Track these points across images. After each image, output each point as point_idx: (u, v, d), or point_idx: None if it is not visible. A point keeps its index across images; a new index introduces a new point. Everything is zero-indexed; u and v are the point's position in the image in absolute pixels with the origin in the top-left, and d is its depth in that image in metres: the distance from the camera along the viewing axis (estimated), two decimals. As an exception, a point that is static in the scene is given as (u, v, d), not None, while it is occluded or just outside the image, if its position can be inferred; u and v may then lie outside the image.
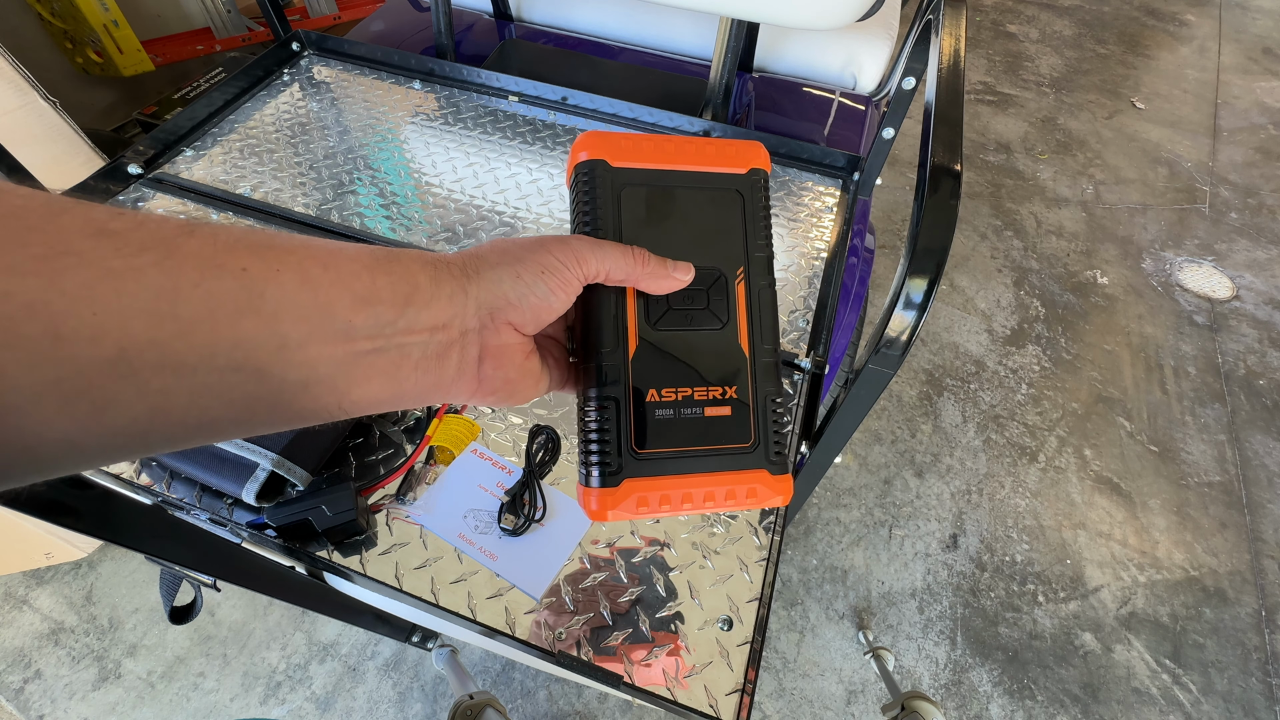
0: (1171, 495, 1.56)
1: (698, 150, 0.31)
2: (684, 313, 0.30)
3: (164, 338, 0.19)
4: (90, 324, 0.18)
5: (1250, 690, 1.29)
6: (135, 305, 0.18)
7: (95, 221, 0.18)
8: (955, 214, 0.43)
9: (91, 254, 0.18)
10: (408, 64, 1.00)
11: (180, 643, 1.24)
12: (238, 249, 0.21)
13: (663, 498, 0.29)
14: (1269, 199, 2.36)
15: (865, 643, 1.30)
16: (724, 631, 0.52)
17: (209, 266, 0.20)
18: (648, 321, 0.30)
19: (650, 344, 0.30)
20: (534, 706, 1.21)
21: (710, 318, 0.31)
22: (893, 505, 1.51)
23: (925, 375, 1.77)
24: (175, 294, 0.19)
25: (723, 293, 0.31)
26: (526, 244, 0.28)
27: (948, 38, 0.54)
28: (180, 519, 0.57)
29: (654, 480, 0.29)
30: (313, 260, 0.23)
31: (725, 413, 0.30)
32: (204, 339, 0.20)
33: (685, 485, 0.29)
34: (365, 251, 0.25)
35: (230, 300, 0.20)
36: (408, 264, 0.25)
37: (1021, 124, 2.62)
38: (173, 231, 0.20)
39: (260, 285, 0.21)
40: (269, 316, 0.21)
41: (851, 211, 0.86)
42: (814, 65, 1.12)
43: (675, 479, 0.29)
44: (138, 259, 0.19)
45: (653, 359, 0.30)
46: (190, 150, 0.86)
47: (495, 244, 0.29)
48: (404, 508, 0.57)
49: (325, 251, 0.23)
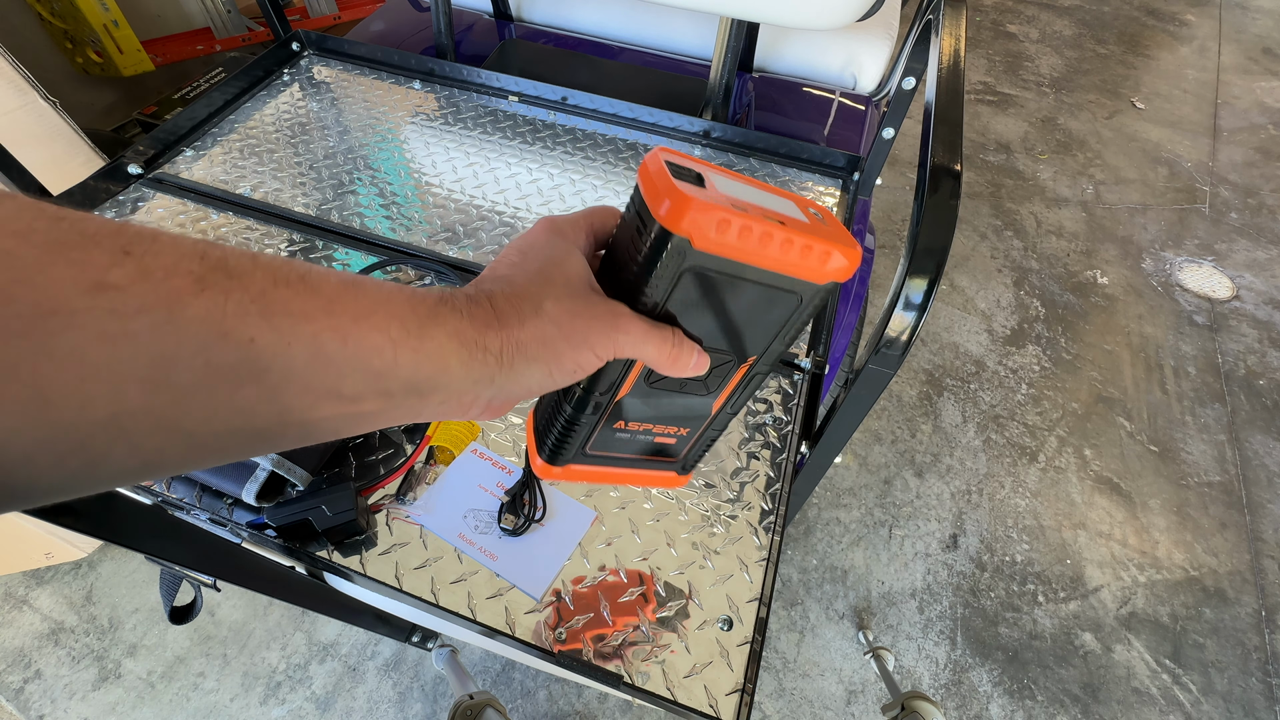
0: (1171, 495, 1.56)
1: (788, 243, 0.28)
2: (681, 382, 0.32)
3: (159, 405, 0.18)
4: (79, 390, 0.16)
5: (1250, 690, 1.29)
6: (129, 372, 0.17)
7: (94, 271, 0.16)
8: (955, 214, 0.43)
9: (85, 314, 0.16)
10: (408, 64, 1.00)
11: (180, 643, 1.24)
12: (249, 315, 0.19)
13: (593, 475, 0.35)
14: (1269, 199, 2.36)
15: (865, 643, 1.30)
16: (724, 631, 0.52)
17: (213, 335, 0.18)
18: (645, 380, 0.31)
19: (638, 395, 0.32)
20: (534, 706, 1.21)
21: (701, 387, 0.33)
22: (893, 505, 1.51)
23: (925, 375, 1.77)
24: (173, 363, 0.18)
25: (724, 375, 0.32)
26: (572, 332, 0.26)
27: (948, 38, 0.54)
28: (180, 519, 0.57)
29: (590, 468, 0.35)
30: (331, 332, 0.21)
31: (670, 441, 0.35)
32: (201, 407, 0.19)
33: (611, 473, 0.36)
34: (396, 319, 0.22)
35: (232, 371, 0.19)
36: (442, 342, 0.23)
37: (1021, 124, 2.62)
38: (180, 286, 0.18)
39: (267, 359, 0.20)
40: (271, 388, 0.20)
41: (851, 211, 0.86)
42: (814, 65, 1.12)
43: (606, 470, 0.35)
44: (135, 322, 0.17)
45: (635, 404, 0.32)
46: (190, 150, 0.86)
47: (541, 327, 0.26)
48: (404, 508, 0.57)
49: (350, 317, 0.21)
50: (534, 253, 0.28)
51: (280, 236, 0.77)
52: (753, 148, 0.93)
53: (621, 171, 0.88)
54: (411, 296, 0.23)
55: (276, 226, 0.78)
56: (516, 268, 0.27)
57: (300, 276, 0.21)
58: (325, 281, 0.21)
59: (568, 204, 0.84)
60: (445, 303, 0.24)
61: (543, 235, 0.28)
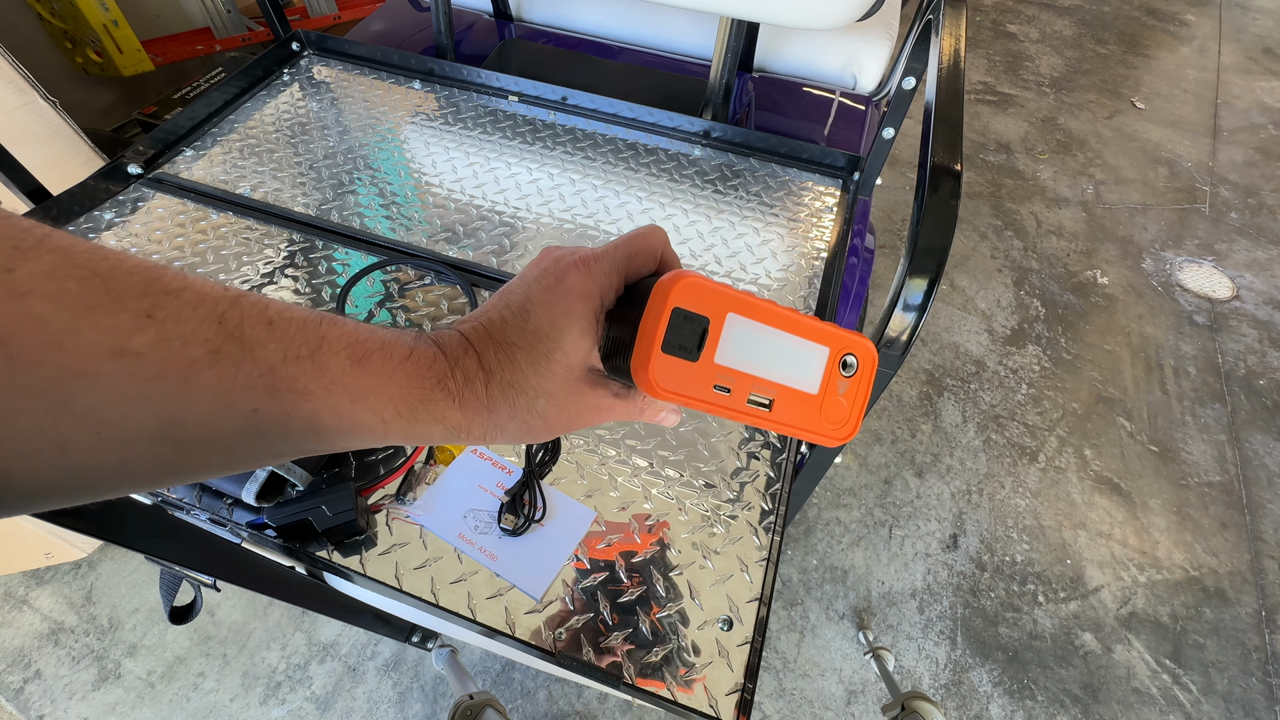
0: (1171, 495, 1.56)
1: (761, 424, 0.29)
2: None
3: (163, 454, 0.20)
4: (94, 441, 0.18)
5: (1250, 690, 1.29)
6: (141, 430, 0.19)
7: (118, 336, 0.18)
8: (955, 214, 0.43)
9: (107, 378, 0.18)
10: (408, 64, 1.00)
11: (180, 643, 1.24)
12: (255, 389, 0.21)
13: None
14: (1269, 199, 2.36)
15: (865, 643, 1.30)
16: (724, 631, 0.52)
17: (220, 404, 0.20)
18: None
19: None
20: (534, 706, 1.21)
21: None
22: (893, 505, 1.51)
23: (925, 375, 1.77)
24: (182, 424, 0.19)
25: None
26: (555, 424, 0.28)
27: (948, 38, 0.54)
28: (180, 519, 0.57)
29: None
30: (329, 410, 0.22)
31: None
32: (201, 458, 0.21)
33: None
34: (392, 402, 0.24)
35: (234, 434, 0.21)
36: (429, 425, 0.25)
37: (1021, 124, 2.62)
38: (195, 356, 0.19)
39: (267, 426, 0.21)
40: (266, 447, 0.22)
41: (851, 211, 0.86)
42: (814, 65, 1.12)
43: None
44: (151, 386, 0.18)
45: None
46: (190, 150, 0.86)
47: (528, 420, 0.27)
48: (404, 508, 0.57)
49: (349, 398, 0.23)
50: (545, 318, 0.27)
51: (280, 236, 0.77)
52: (753, 148, 0.93)
53: (621, 171, 0.88)
54: (412, 377, 0.24)
55: (276, 226, 0.78)
56: (524, 336, 0.27)
57: (311, 352, 0.22)
58: (334, 358, 0.22)
59: (568, 204, 0.84)
60: (443, 385, 0.25)
61: (563, 298, 0.27)
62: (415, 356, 0.25)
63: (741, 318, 0.27)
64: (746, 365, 0.28)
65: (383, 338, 0.24)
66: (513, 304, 0.27)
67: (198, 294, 0.20)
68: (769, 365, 0.28)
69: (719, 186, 0.88)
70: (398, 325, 0.69)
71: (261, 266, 0.73)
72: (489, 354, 0.26)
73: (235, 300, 0.21)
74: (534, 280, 0.28)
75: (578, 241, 0.79)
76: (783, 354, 0.28)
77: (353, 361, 0.23)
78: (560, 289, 0.27)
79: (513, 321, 0.27)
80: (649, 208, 0.84)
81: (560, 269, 0.27)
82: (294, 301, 0.70)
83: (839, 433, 0.30)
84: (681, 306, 0.26)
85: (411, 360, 0.24)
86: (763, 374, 0.28)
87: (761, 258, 0.79)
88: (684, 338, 0.26)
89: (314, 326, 0.22)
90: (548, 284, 0.27)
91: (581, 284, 0.27)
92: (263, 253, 0.75)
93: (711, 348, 0.27)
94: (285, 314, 0.22)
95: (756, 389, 0.28)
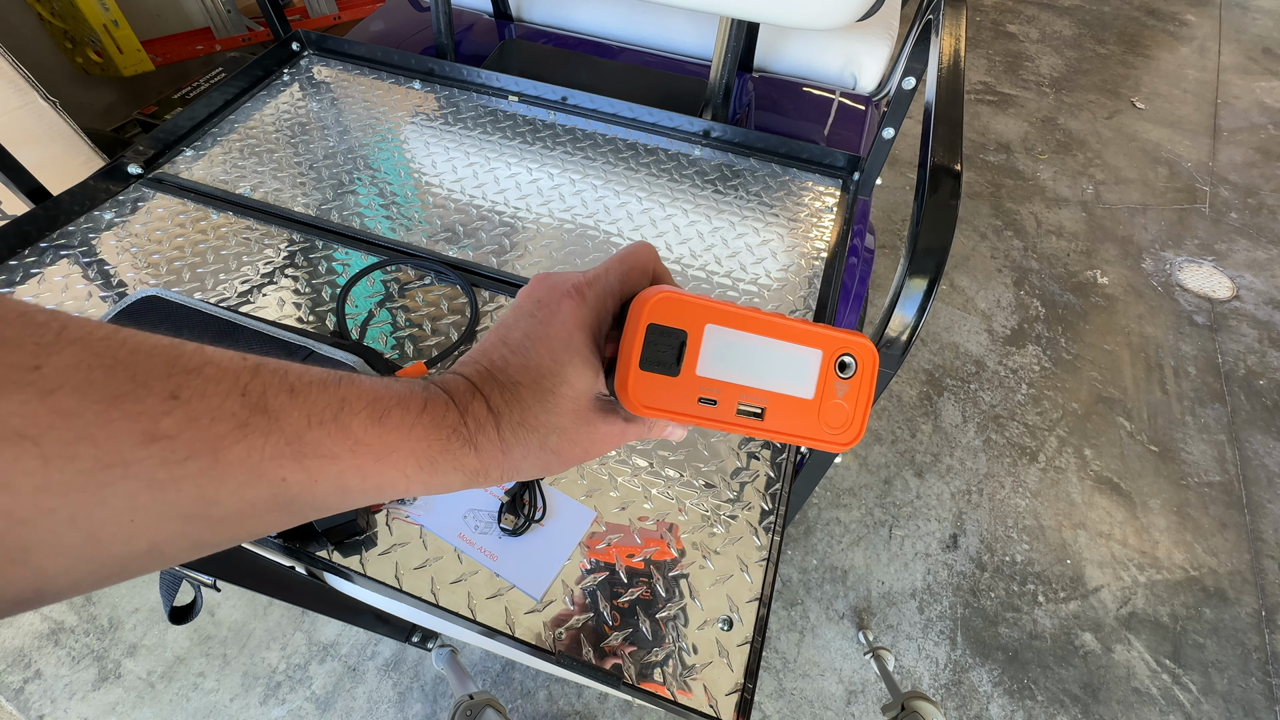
0: (1171, 495, 1.56)
1: (751, 433, 0.29)
2: None
3: (195, 532, 0.20)
4: (128, 529, 0.18)
5: (1250, 690, 1.29)
6: (174, 511, 0.19)
7: (147, 422, 0.18)
8: (955, 214, 0.43)
9: (138, 466, 0.18)
10: (408, 64, 1.00)
11: (180, 643, 1.24)
12: (283, 458, 0.21)
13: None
14: (1269, 199, 2.36)
15: (865, 643, 1.30)
16: (724, 631, 0.52)
17: (250, 476, 0.20)
18: None
19: None
20: (534, 706, 1.21)
21: None
22: (893, 505, 1.51)
23: (925, 375, 1.77)
24: (214, 501, 0.20)
25: None
26: (568, 458, 0.28)
27: (948, 38, 0.54)
28: (180, 519, 0.56)
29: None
30: (354, 470, 0.23)
31: None
32: (230, 532, 0.21)
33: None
34: (413, 457, 0.24)
35: (265, 503, 0.21)
36: (449, 474, 0.26)
37: (1021, 124, 2.62)
38: (223, 432, 0.20)
39: (296, 492, 0.22)
40: (296, 513, 0.23)
41: (851, 211, 0.86)
42: (814, 65, 1.12)
43: None
44: (182, 468, 0.19)
45: None
46: (190, 150, 0.86)
47: (543, 457, 0.27)
48: (404, 508, 0.57)
49: (373, 457, 0.23)
50: (545, 354, 0.27)
51: (280, 236, 0.77)
52: (753, 148, 0.93)
53: (621, 171, 0.88)
54: (429, 430, 0.25)
55: (276, 226, 0.78)
56: (527, 374, 0.27)
57: (334, 415, 0.22)
58: (355, 418, 0.23)
59: (568, 204, 0.84)
60: (458, 433, 0.25)
61: (561, 330, 0.27)
62: (430, 408, 0.25)
63: (721, 328, 0.27)
64: (732, 375, 0.27)
65: (399, 391, 0.25)
66: (511, 342, 0.27)
67: (219, 368, 0.20)
68: (757, 373, 0.28)
69: (719, 186, 0.88)
70: (398, 325, 0.69)
71: (261, 266, 0.73)
72: (495, 396, 0.26)
73: (255, 370, 0.21)
74: (529, 315, 0.28)
75: (578, 242, 0.80)
76: (770, 361, 0.28)
77: (373, 420, 0.23)
78: (556, 322, 0.27)
79: (514, 360, 0.27)
80: (649, 208, 0.84)
81: (554, 300, 0.27)
82: (295, 302, 0.70)
83: (842, 437, 0.29)
84: (656, 322, 0.26)
85: (427, 412, 0.25)
86: (750, 383, 0.28)
87: (761, 258, 0.79)
88: (661, 353, 0.26)
89: (334, 388, 0.23)
90: (543, 318, 0.27)
91: (576, 314, 0.27)
92: (263, 253, 0.75)
93: (692, 361, 0.27)
94: (305, 378, 0.22)
95: (745, 398, 0.28)
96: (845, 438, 0.29)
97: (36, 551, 0.17)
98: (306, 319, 0.69)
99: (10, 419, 0.16)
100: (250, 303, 0.70)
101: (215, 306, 0.58)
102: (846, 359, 0.28)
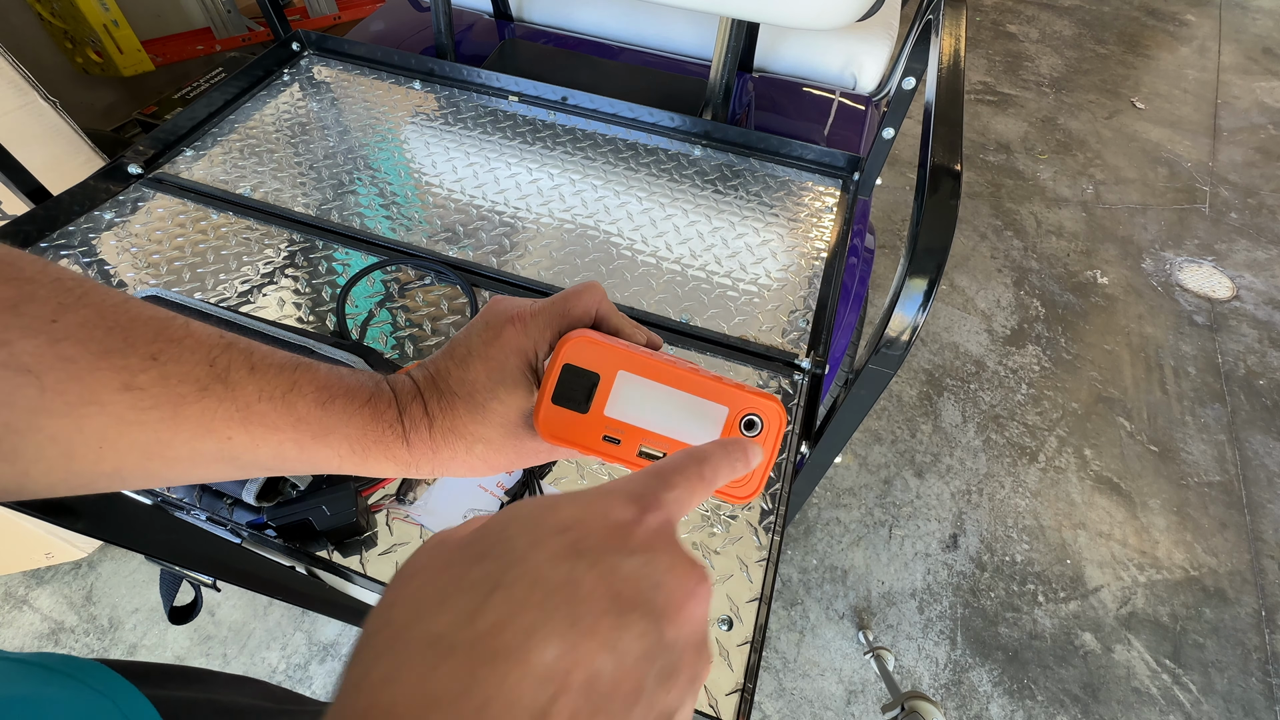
0: (1171, 495, 1.56)
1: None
2: None
3: (153, 467, 0.25)
4: (97, 453, 0.23)
5: (1250, 690, 1.29)
6: (136, 446, 0.24)
7: (126, 374, 0.23)
8: (955, 214, 0.43)
9: (113, 407, 0.22)
10: (408, 64, 1.00)
11: (180, 643, 1.24)
12: (232, 421, 0.25)
13: None
14: (1269, 199, 2.36)
15: (865, 643, 1.30)
16: (724, 631, 0.52)
17: (201, 431, 0.24)
18: None
19: None
20: (534, 706, 1.21)
21: None
22: (893, 505, 1.51)
23: (925, 375, 1.77)
24: (169, 444, 0.24)
25: None
26: (495, 464, 0.31)
27: (948, 38, 0.54)
28: (180, 519, 0.57)
29: None
30: (293, 443, 0.26)
31: None
32: (183, 471, 0.26)
33: None
34: (348, 441, 0.28)
35: (212, 454, 0.25)
36: (380, 461, 0.29)
37: (1021, 124, 2.62)
38: (186, 392, 0.24)
39: (239, 451, 0.26)
40: (240, 468, 0.27)
41: (851, 211, 0.86)
42: (814, 65, 1.12)
43: None
44: (147, 415, 0.23)
45: None
46: (190, 150, 0.86)
47: (469, 461, 0.30)
48: (404, 508, 0.57)
49: (311, 435, 0.27)
50: (482, 371, 0.29)
51: (280, 236, 0.77)
52: (752, 148, 0.93)
53: (621, 172, 0.88)
54: (368, 420, 0.28)
55: (276, 226, 0.78)
56: (464, 386, 0.30)
57: (283, 393, 0.26)
58: (302, 399, 0.26)
59: (568, 204, 0.84)
60: (393, 429, 0.28)
61: (499, 352, 0.29)
62: (373, 402, 0.28)
63: (633, 375, 0.29)
64: (638, 419, 0.29)
65: (348, 384, 0.28)
66: (456, 355, 0.30)
67: (196, 341, 0.25)
68: (661, 421, 0.29)
69: (719, 186, 0.88)
70: (398, 325, 0.70)
71: (261, 266, 0.73)
72: (433, 402, 0.29)
73: (226, 347, 0.25)
74: (476, 334, 0.30)
75: (578, 242, 0.80)
76: (676, 411, 0.29)
77: (318, 404, 0.27)
78: (497, 344, 0.30)
79: (455, 373, 0.30)
80: (649, 208, 0.84)
81: (499, 324, 0.30)
82: (295, 302, 0.70)
83: (739, 492, 0.30)
84: (571, 363, 0.29)
85: (369, 405, 0.28)
86: (655, 429, 0.29)
87: (761, 258, 0.79)
88: (573, 391, 0.29)
89: (289, 372, 0.27)
90: (487, 338, 0.30)
91: (516, 340, 0.30)
92: (263, 253, 0.75)
93: (601, 401, 0.29)
94: (266, 360, 0.26)
95: (648, 443, 0.30)
96: (742, 492, 0.30)
97: (24, 456, 0.22)
98: (306, 319, 0.69)
99: (23, 356, 0.21)
100: (250, 303, 0.70)
101: (215, 306, 0.58)
102: (753, 418, 0.29)
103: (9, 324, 0.21)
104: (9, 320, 0.21)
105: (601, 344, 0.29)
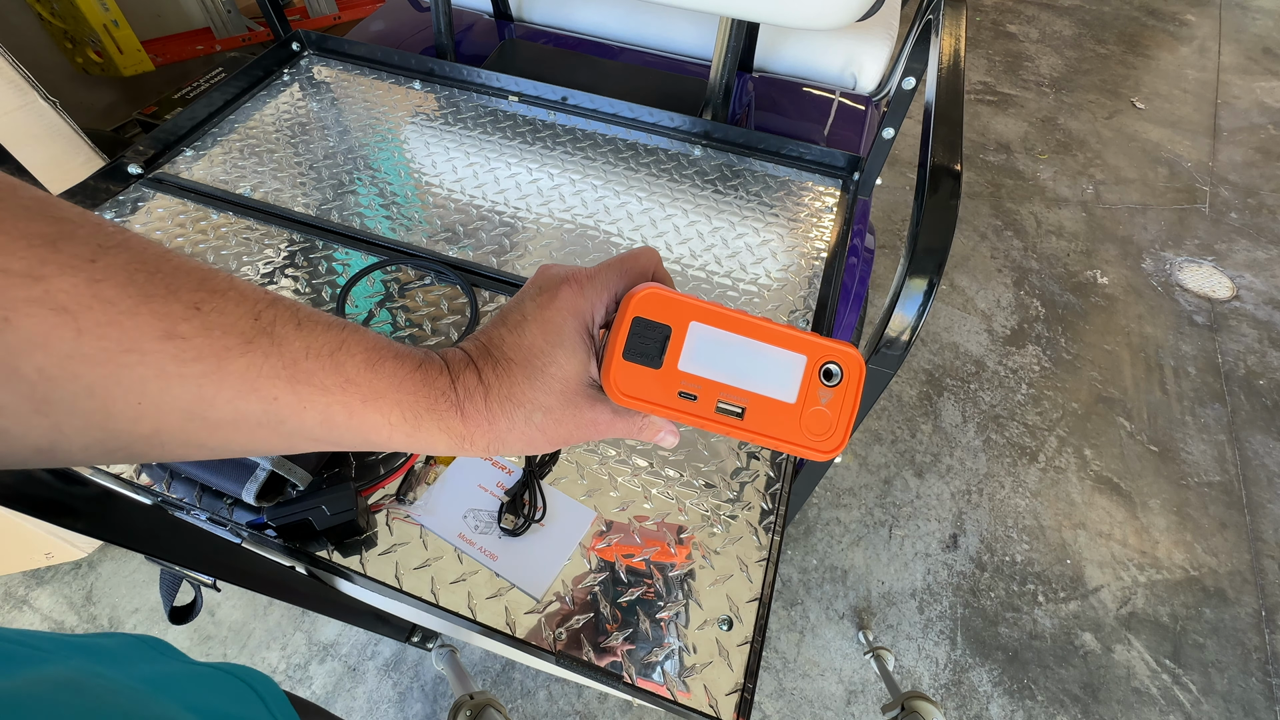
0: (1171, 495, 1.56)
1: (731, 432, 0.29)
2: None
3: (193, 429, 0.23)
4: (135, 410, 0.21)
5: (1250, 690, 1.29)
6: (177, 405, 0.22)
7: (168, 322, 0.21)
8: (955, 214, 0.43)
9: (154, 356, 0.21)
10: (408, 64, 1.00)
11: (180, 643, 1.24)
12: (278, 379, 0.23)
13: None
14: (1269, 199, 2.36)
15: (865, 643, 1.30)
16: (724, 631, 0.52)
17: (246, 389, 0.23)
18: None
19: None
20: (534, 706, 1.21)
21: None
22: (893, 505, 1.51)
23: (925, 375, 1.77)
24: (212, 403, 0.22)
25: None
26: (555, 436, 0.29)
27: (948, 38, 0.54)
28: (180, 519, 0.57)
29: None
30: (341, 406, 0.25)
31: None
32: (225, 437, 0.24)
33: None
34: (399, 407, 0.26)
35: (255, 418, 0.23)
36: (433, 432, 0.27)
37: (1021, 124, 2.62)
38: (230, 344, 0.22)
39: (284, 413, 0.24)
40: (285, 435, 0.25)
41: (851, 211, 0.86)
42: (814, 65, 1.12)
43: None
44: (190, 368, 0.21)
45: None
46: (190, 150, 0.86)
47: (528, 433, 0.29)
48: (404, 508, 0.57)
49: (360, 398, 0.25)
50: (539, 335, 0.28)
51: (280, 236, 0.77)
52: (753, 148, 0.93)
53: (621, 171, 0.88)
54: (420, 386, 0.26)
55: (276, 226, 0.78)
56: (520, 352, 0.28)
57: (331, 352, 0.25)
58: (351, 359, 0.25)
59: (568, 204, 0.84)
60: (446, 396, 0.27)
61: (556, 315, 0.28)
62: (424, 368, 0.27)
63: (705, 325, 0.28)
64: (713, 373, 0.28)
65: (398, 349, 0.27)
66: (510, 321, 0.29)
67: (240, 294, 0.23)
68: (738, 373, 0.28)
69: (719, 187, 0.88)
70: (397, 325, 0.70)
71: (261, 266, 0.73)
72: (488, 370, 0.28)
73: (272, 302, 0.24)
74: (529, 299, 0.29)
75: (578, 242, 0.80)
76: (753, 362, 0.28)
77: (367, 365, 0.25)
78: (553, 307, 0.28)
79: (509, 338, 0.28)
80: (649, 208, 0.84)
81: (553, 286, 0.29)
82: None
83: (823, 445, 0.28)
84: (642, 316, 0.27)
85: (420, 371, 0.27)
86: (732, 381, 0.28)
87: (761, 258, 0.79)
88: (645, 345, 0.27)
89: (336, 330, 0.25)
90: (542, 302, 0.29)
91: (573, 302, 0.28)
92: (263, 253, 0.75)
93: (674, 355, 0.27)
94: (313, 318, 0.25)
95: (726, 396, 0.28)
96: (827, 445, 0.29)
97: (58, 408, 0.20)
98: (306, 319, 0.69)
99: (59, 294, 0.19)
100: (250, 303, 0.70)
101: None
102: (832, 367, 0.28)
103: (46, 258, 0.19)
104: (46, 255, 0.19)
105: (671, 296, 0.28)
